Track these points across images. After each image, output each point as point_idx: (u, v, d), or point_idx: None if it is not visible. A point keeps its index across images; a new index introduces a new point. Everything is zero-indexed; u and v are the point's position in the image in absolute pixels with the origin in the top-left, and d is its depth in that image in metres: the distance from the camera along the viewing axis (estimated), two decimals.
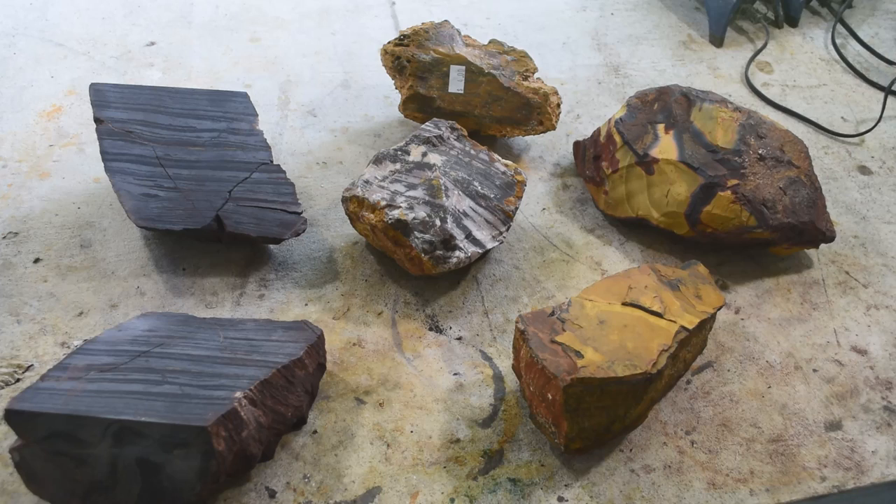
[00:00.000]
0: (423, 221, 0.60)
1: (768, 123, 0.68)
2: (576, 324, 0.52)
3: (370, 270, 0.66)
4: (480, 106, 0.76)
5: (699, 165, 0.65)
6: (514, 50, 0.79)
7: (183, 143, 0.67)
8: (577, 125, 0.85)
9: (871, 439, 0.56)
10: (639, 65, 0.95)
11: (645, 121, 0.70)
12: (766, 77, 0.95)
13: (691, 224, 0.66)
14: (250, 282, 0.65)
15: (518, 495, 0.51)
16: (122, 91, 0.70)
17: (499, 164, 0.69)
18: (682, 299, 0.55)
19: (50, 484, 0.46)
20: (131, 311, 0.61)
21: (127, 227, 0.68)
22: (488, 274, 0.67)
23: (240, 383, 0.49)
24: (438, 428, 0.55)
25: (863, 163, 0.82)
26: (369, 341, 0.61)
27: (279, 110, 0.83)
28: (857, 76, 0.95)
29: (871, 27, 1.05)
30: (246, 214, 0.63)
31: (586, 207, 0.74)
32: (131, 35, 0.93)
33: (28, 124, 0.79)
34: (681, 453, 0.54)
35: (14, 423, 0.46)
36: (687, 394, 0.58)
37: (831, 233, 0.67)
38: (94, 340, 0.52)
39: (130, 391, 0.47)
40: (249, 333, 0.54)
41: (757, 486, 0.52)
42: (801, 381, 0.60)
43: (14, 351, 0.58)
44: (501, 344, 0.61)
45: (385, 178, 0.64)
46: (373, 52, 0.92)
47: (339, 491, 0.51)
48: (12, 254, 0.65)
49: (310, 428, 0.55)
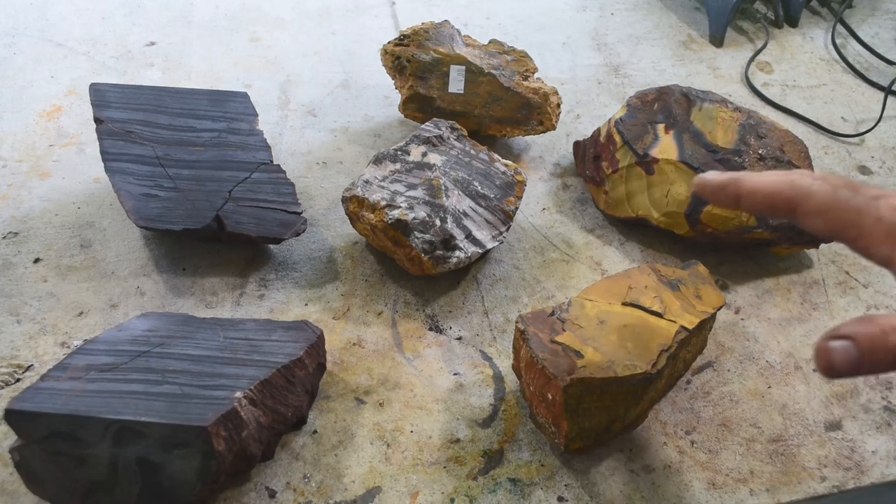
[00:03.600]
0: (423, 221, 0.60)
1: (768, 123, 0.68)
2: (576, 324, 0.52)
3: (370, 270, 0.66)
4: (480, 106, 0.76)
5: (699, 165, 0.65)
6: (514, 50, 0.79)
7: (183, 143, 0.67)
8: (577, 125, 0.85)
9: (871, 439, 0.56)
10: (639, 65, 0.95)
11: (645, 121, 0.70)
12: (766, 77, 0.95)
13: (691, 224, 0.66)
14: (250, 282, 0.65)
15: (518, 495, 0.51)
16: (122, 91, 0.70)
17: (499, 164, 0.69)
18: (682, 299, 0.55)
19: (50, 484, 0.46)
20: (131, 311, 0.61)
21: (127, 227, 0.68)
22: (488, 274, 0.67)
23: (240, 383, 0.49)
24: (438, 428, 0.55)
25: (863, 163, 0.82)
26: (369, 341, 0.61)
27: (279, 110, 0.83)
28: (857, 76, 0.95)
29: (871, 27, 1.05)
30: (246, 214, 0.63)
31: (586, 207, 0.74)
32: (131, 35, 0.93)
33: (28, 124, 0.79)
34: (681, 453, 0.54)
35: (14, 423, 0.46)
36: (687, 394, 0.58)
37: None
38: (94, 340, 0.52)
39: (130, 391, 0.47)
40: (249, 333, 0.54)
41: (757, 486, 0.52)
42: (801, 381, 0.60)
43: (14, 351, 0.58)
44: (501, 344, 0.61)
45: (385, 178, 0.64)
46: (373, 52, 0.92)
47: (339, 491, 0.51)
48: (12, 254, 0.65)
49: (310, 428, 0.55)
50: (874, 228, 0.35)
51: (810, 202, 0.37)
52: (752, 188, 0.39)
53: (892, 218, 0.34)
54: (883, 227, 0.34)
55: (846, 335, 0.34)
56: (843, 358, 0.33)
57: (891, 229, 0.34)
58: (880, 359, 0.33)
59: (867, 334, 0.33)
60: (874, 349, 0.33)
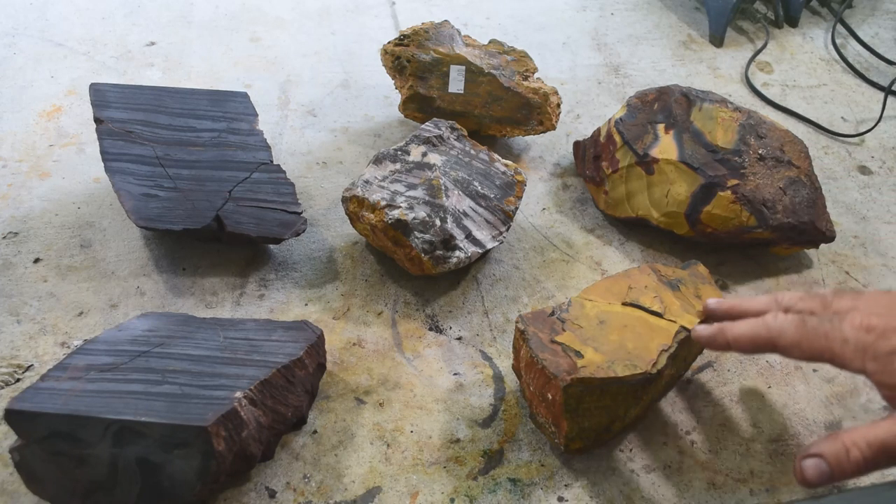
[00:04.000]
0: (423, 221, 0.60)
1: (768, 123, 0.68)
2: (576, 324, 0.52)
3: (370, 270, 0.66)
4: (480, 106, 0.76)
5: (699, 165, 0.65)
6: (514, 50, 0.79)
7: (183, 143, 0.67)
8: (577, 125, 0.85)
9: None
10: (639, 65, 0.95)
11: (645, 121, 0.70)
12: (766, 77, 0.95)
13: (691, 224, 0.66)
14: (250, 282, 0.65)
15: (518, 495, 0.51)
16: (122, 91, 0.70)
17: (499, 164, 0.69)
18: (682, 299, 0.55)
19: (50, 484, 0.46)
20: (131, 311, 0.61)
21: (127, 227, 0.68)
22: (488, 274, 0.67)
23: (240, 383, 0.49)
24: (438, 428, 0.55)
25: (863, 163, 0.82)
26: (369, 341, 0.61)
27: (279, 110, 0.83)
28: (857, 76, 0.95)
29: (871, 27, 1.05)
30: (246, 214, 0.63)
31: (586, 207, 0.74)
32: (131, 35, 0.93)
33: (28, 124, 0.79)
34: (681, 453, 0.54)
35: (14, 423, 0.46)
36: (687, 394, 0.58)
37: (831, 233, 0.67)
38: (94, 340, 0.52)
39: (130, 391, 0.47)
40: (249, 333, 0.54)
41: (757, 486, 0.52)
42: (801, 381, 0.60)
43: (14, 351, 0.58)
44: (501, 344, 0.61)
45: (385, 178, 0.64)
46: (373, 52, 0.92)
47: (339, 491, 0.51)
48: (12, 254, 0.65)
49: (310, 428, 0.55)
50: (843, 350, 0.42)
51: (784, 340, 0.44)
52: (735, 337, 0.47)
53: (856, 338, 0.41)
54: (850, 347, 0.41)
55: (816, 454, 0.41)
56: (815, 474, 0.41)
57: (857, 347, 0.41)
58: (846, 469, 0.40)
59: (833, 452, 0.40)
60: (840, 463, 0.40)
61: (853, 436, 0.40)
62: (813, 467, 0.41)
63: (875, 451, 0.39)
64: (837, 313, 0.43)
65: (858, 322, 0.41)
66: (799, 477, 0.42)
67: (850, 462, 0.40)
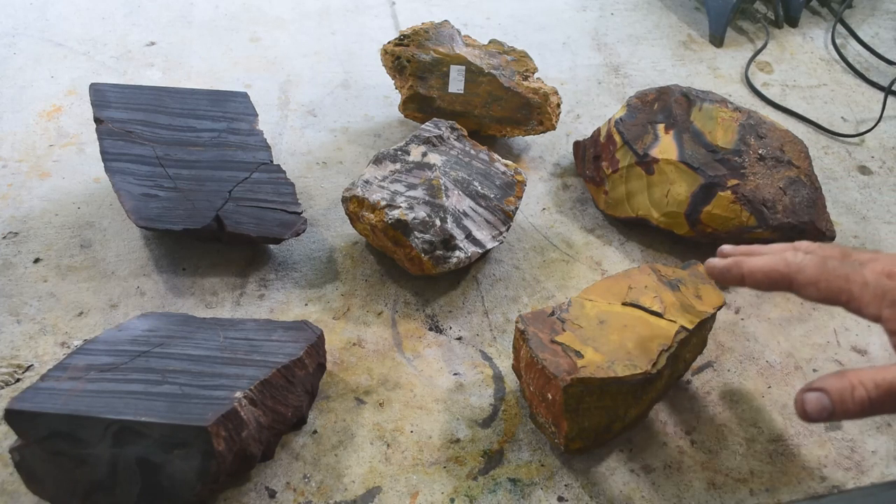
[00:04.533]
0: (423, 221, 0.60)
1: (768, 123, 0.68)
2: (576, 324, 0.52)
3: (370, 270, 0.66)
4: (480, 106, 0.76)
5: (699, 165, 0.65)
6: (514, 50, 0.79)
7: (183, 143, 0.67)
8: (577, 125, 0.85)
9: (871, 439, 0.56)
10: (639, 65, 0.95)
11: (645, 121, 0.70)
12: (766, 77, 0.95)
13: (691, 224, 0.66)
14: (250, 282, 0.65)
15: (518, 495, 0.51)
16: (122, 91, 0.70)
17: (499, 164, 0.69)
18: (682, 299, 0.55)
19: (50, 484, 0.46)
20: (131, 311, 0.61)
21: (127, 227, 0.68)
22: (488, 274, 0.67)
23: (240, 383, 0.49)
24: (438, 428, 0.55)
25: (863, 163, 0.82)
26: (369, 341, 0.61)
27: (279, 110, 0.83)
28: (857, 76, 0.95)
29: (871, 27, 1.05)
30: (246, 214, 0.63)
31: (586, 207, 0.74)
32: (131, 35, 0.93)
33: (28, 124, 0.79)
34: (681, 453, 0.54)
35: (14, 423, 0.46)
36: (687, 394, 0.58)
37: (831, 233, 0.67)
38: (94, 340, 0.52)
39: (130, 391, 0.47)
40: (249, 333, 0.54)
41: (757, 486, 0.53)
42: (801, 381, 0.60)
43: (14, 351, 0.58)
44: (501, 344, 0.61)
45: (385, 178, 0.64)
46: (373, 52, 0.92)
47: (339, 491, 0.51)
48: (12, 254, 0.65)
49: (310, 428, 0.55)
50: (862, 292, 0.40)
51: (803, 276, 0.42)
52: (751, 269, 0.45)
53: (876, 281, 0.40)
54: (869, 290, 0.40)
55: (819, 388, 0.40)
56: (816, 407, 0.40)
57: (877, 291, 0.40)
58: (849, 407, 0.39)
59: (837, 388, 0.39)
60: (843, 400, 0.39)
61: (861, 375, 0.39)
62: (815, 401, 0.39)
63: (882, 392, 0.38)
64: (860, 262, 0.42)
65: (881, 268, 0.40)
66: (799, 409, 0.40)
67: (854, 401, 0.38)
